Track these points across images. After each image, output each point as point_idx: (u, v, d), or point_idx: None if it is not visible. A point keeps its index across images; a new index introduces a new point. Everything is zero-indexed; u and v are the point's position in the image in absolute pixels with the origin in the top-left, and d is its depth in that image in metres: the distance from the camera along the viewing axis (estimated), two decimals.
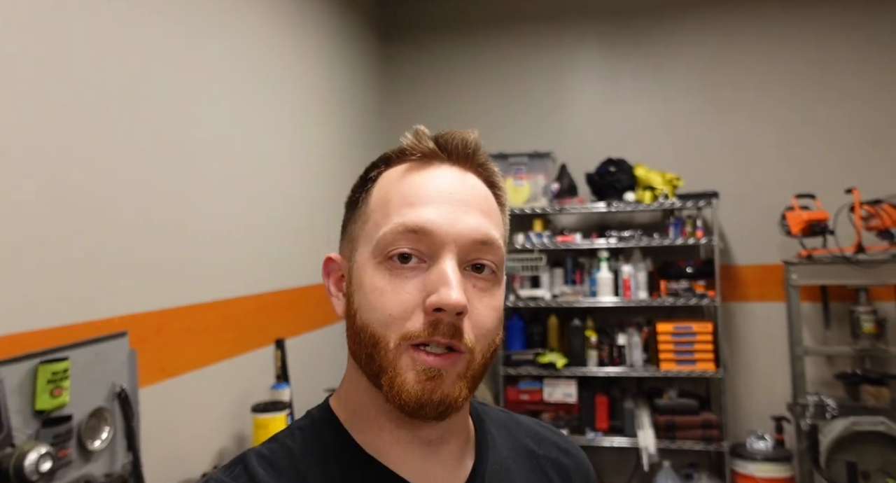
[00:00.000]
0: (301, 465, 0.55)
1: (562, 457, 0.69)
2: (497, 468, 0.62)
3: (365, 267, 0.56)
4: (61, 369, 1.28)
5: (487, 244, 0.56)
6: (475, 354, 0.54)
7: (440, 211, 0.55)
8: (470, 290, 0.55)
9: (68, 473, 1.29)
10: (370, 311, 0.54)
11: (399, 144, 0.60)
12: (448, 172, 0.58)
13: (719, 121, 3.49)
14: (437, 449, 0.58)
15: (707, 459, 3.31)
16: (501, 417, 0.69)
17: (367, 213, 0.58)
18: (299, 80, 2.73)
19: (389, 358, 0.53)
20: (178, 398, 1.82)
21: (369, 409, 0.57)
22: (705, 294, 3.14)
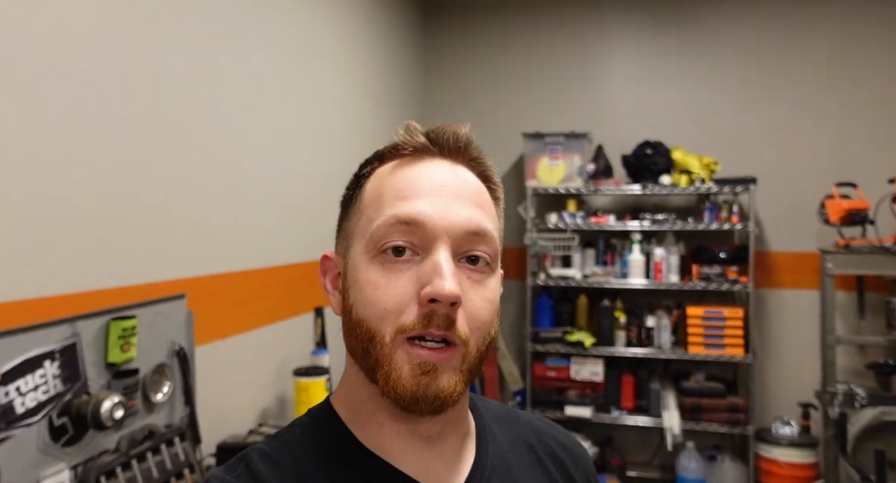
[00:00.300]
0: (303, 462, 0.56)
1: (561, 451, 0.69)
2: (498, 462, 0.62)
3: (359, 262, 0.56)
4: (130, 326, 1.37)
5: (480, 235, 0.56)
6: (470, 347, 0.54)
7: (432, 203, 0.55)
8: (464, 282, 0.54)
9: (134, 422, 1.39)
10: (365, 306, 0.54)
11: (391, 140, 0.60)
12: (440, 166, 0.58)
13: (759, 105, 3.45)
14: (437, 443, 0.58)
15: (731, 442, 3.34)
16: (500, 411, 0.69)
17: (361, 209, 0.59)
18: (344, 58, 2.77)
19: (385, 352, 0.53)
20: (227, 359, 1.91)
21: (368, 405, 0.57)
22: (738, 280, 3.14)
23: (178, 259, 1.70)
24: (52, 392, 1.19)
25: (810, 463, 3.00)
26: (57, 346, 1.21)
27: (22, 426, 1.12)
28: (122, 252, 1.50)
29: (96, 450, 1.28)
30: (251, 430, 1.85)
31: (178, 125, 1.71)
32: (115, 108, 1.47)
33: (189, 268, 1.73)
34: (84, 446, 1.25)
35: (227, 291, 1.91)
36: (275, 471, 0.55)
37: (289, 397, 2.21)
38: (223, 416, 1.89)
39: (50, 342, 1.20)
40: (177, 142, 1.70)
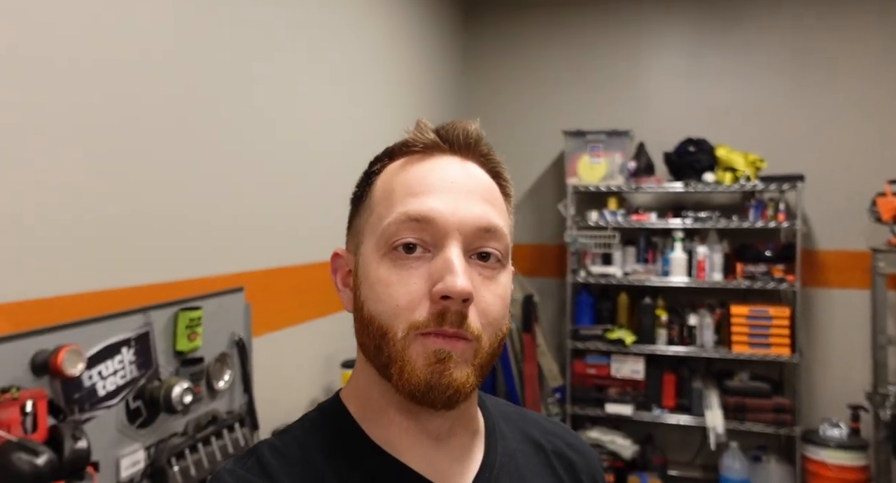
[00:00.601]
0: (312, 457, 0.56)
1: (569, 452, 0.68)
2: (506, 460, 0.62)
3: (370, 259, 0.56)
4: (196, 317, 1.45)
5: (491, 232, 0.56)
6: (482, 342, 0.54)
7: (443, 199, 0.55)
8: (476, 279, 0.54)
9: (200, 408, 1.47)
10: (377, 303, 0.54)
11: (402, 138, 0.61)
12: (450, 162, 0.58)
13: (807, 101, 3.38)
14: (445, 441, 0.58)
15: (777, 443, 3.29)
16: (509, 411, 0.69)
17: (371, 206, 0.59)
18: (388, 56, 2.83)
19: (398, 348, 0.53)
20: (280, 350, 1.99)
21: (379, 402, 0.57)
22: (784, 278, 3.09)
23: (237, 254, 1.78)
24: (129, 377, 1.27)
25: (860, 466, 2.93)
26: (132, 334, 1.29)
27: (103, 408, 1.20)
28: (188, 247, 1.58)
29: (167, 432, 1.37)
30: None
31: (238, 128, 1.79)
32: (180, 110, 1.56)
33: (247, 262, 1.81)
34: (156, 429, 1.33)
35: (281, 285, 1.99)
36: (284, 464, 0.55)
37: (336, 388, 2.28)
38: (277, 404, 1.96)
39: (126, 330, 1.28)
40: (239, 144, 1.78)
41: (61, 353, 1.06)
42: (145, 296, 1.39)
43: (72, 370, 1.07)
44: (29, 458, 0.91)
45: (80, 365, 1.10)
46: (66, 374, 1.07)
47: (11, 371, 1.04)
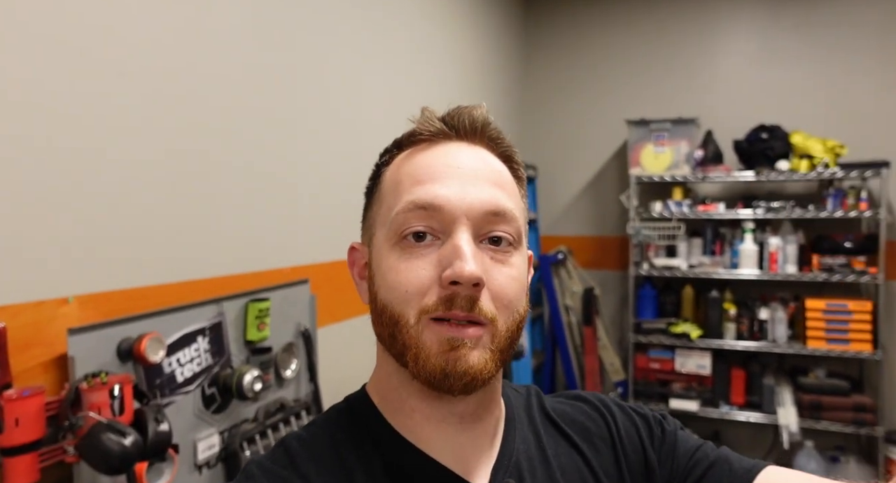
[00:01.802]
0: (338, 448, 0.56)
1: (585, 420, 0.67)
2: (525, 446, 0.61)
3: (382, 249, 0.56)
4: (265, 308, 1.50)
5: (500, 215, 0.55)
6: (498, 325, 0.54)
7: (450, 186, 0.55)
8: (487, 262, 0.54)
9: (268, 395, 1.54)
10: (388, 291, 0.54)
11: (409, 128, 0.61)
12: (457, 148, 0.58)
13: (891, 83, 3.15)
14: (469, 426, 0.58)
15: (856, 443, 3.12)
16: (528, 397, 0.69)
17: (382, 197, 0.59)
18: (445, 45, 2.84)
19: (412, 334, 0.53)
20: (343, 340, 2.05)
21: (399, 392, 0.58)
22: (865, 271, 2.92)
23: (302, 247, 1.83)
24: (204, 364, 1.34)
25: None
26: (207, 323, 1.36)
27: (181, 393, 1.28)
28: (257, 240, 1.64)
29: (238, 418, 1.43)
30: None
31: (303, 123, 1.84)
32: (245, 107, 1.62)
33: (312, 255, 1.87)
34: (229, 414, 1.40)
35: (344, 277, 2.04)
36: (311, 455, 0.56)
37: None
38: (341, 392, 2.01)
39: (201, 320, 1.35)
40: (303, 140, 1.84)
41: (144, 340, 1.13)
42: (218, 287, 1.46)
43: (154, 357, 1.14)
44: (118, 438, 0.97)
45: (161, 352, 1.17)
46: (149, 361, 1.13)
47: (100, 357, 1.11)
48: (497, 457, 0.59)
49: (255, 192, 1.65)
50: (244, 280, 1.55)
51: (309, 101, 1.87)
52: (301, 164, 1.84)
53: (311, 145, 1.89)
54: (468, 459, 0.57)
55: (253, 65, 1.63)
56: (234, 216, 1.56)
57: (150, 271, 1.30)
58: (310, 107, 1.88)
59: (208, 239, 1.48)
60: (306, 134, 1.86)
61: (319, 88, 1.92)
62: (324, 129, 1.95)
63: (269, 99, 1.70)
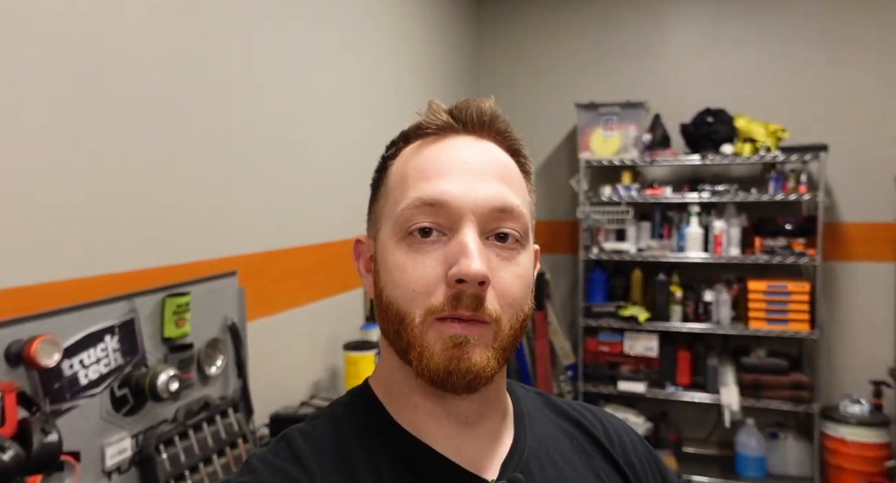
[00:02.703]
0: (341, 442, 0.56)
1: (603, 436, 0.67)
2: (536, 446, 0.61)
3: (387, 244, 0.56)
4: (184, 303, 1.43)
5: (507, 212, 0.54)
6: (502, 324, 0.53)
7: (456, 182, 0.54)
8: (493, 260, 0.54)
9: (190, 394, 1.47)
10: (394, 288, 0.54)
11: (415, 121, 0.60)
12: (463, 143, 0.57)
13: (832, 69, 3.21)
14: (472, 425, 0.57)
15: (794, 420, 3.22)
16: (538, 399, 0.68)
17: (388, 191, 0.59)
18: (394, 29, 2.75)
19: (416, 333, 0.53)
20: (279, 333, 1.98)
21: (402, 387, 0.57)
22: (804, 252, 2.98)
23: (230, 237, 1.75)
24: (113, 365, 1.26)
25: (881, 443, 2.86)
26: (116, 321, 1.28)
27: (86, 396, 1.20)
28: (177, 231, 1.56)
29: (156, 419, 1.36)
30: (303, 402, 1.92)
31: (231, 104, 1.75)
32: (163, 86, 1.52)
33: (241, 245, 1.79)
34: (144, 416, 1.33)
35: (277, 268, 1.97)
36: (314, 449, 0.56)
37: (340, 370, 2.27)
38: (276, 388, 1.96)
39: (110, 318, 1.27)
40: (231, 120, 1.74)
41: (35, 343, 1.05)
42: (130, 282, 1.37)
43: (46, 361, 1.06)
44: None
45: (55, 355, 1.09)
46: (41, 365, 1.05)
47: None
48: (507, 454, 0.58)
49: (176, 179, 1.56)
50: (161, 274, 1.47)
51: (234, 81, 1.78)
52: (229, 148, 1.75)
53: (240, 130, 1.79)
54: (475, 455, 0.57)
55: (179, 51, 1.53)
56: (149, 205, 1.47)
57: (47, 267, 1.21)
58: (235, 87, 1.78)
59: (118, 231, 1.39)
60: (232, 115, 1.77)
61: (249, 67, 1.83)
62: (252, 111, 1.86)
63: (191, 76, 1.60)
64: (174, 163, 1.56)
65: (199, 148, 1.64)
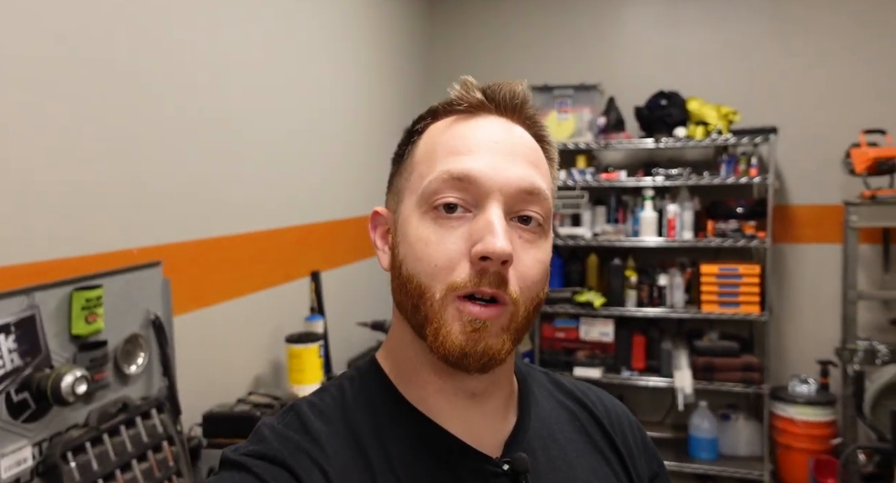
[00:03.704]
0: (350, 415, 0.57)
1: (605, 418, 0.68)
2: (539, 425, 0.62)
3: (410, 218, 0.56)
4: (95, 296, 1.31)
5: (534, 194, 0.55)
6: (519, 306, 0.54)
7: (486, 160, 0.54)
8: (516, 241, 0.54)
9: (106, 395, 1.35)
10: (416, 262, 0.54)
11: (446, 96, 0.59)
12: (495, 122, 0.57)
13: (783, 50, 3.22)
14: (480, 402, 0.58)
15: (746, 401, 3.26)
16: (543, 378, 0.69)
17: (413, 165, 0.58)
18: (347, 12, 2.62)
19: (435, 308, 0.53)
20: (213, 327, 1.86)
21: (413, 362, 0.58)
22: (755, 235, 3.00)
23: (155, 225, 1.63)
24: (9, 367, 1.14)
25: (828, 421, 2.91)
26: (12, 318, 1.16)
27: None
28: (90, 218, 1.43)
29: (64, 425, 1.25)
30: (240, 399, 1.81)
31: (156, 82, 1.61)
32: (82, 62, 1.38)
33: (167, 234, 1.67)
34: (49, 422, 1.21)
35: (211, 258, 1.85)
36: (322, 422, 0.56)
37: (283, 364, 2.17)
38: (212, 385, 1.85)
39: (4, 315, 1.14)
40: (152, 98, 1.61)
41: None
42: (31, 275, 1.25)
43: None
44: None
45: None
46: None
47: None
48: (511, 432, 0.59)
49: (89, 161, 1.42)
50: (70, 265, 1.34)
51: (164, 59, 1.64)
52: (153, 129, 1.62)
53: (167, 106, 1.66)
54: (479, 433, 0.57)
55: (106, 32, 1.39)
56: (56, 191, 1.34)
57: None
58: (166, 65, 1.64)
59: (18, 219, 1.26)
60: (160, 92, 1.63)
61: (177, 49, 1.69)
62: (183, 89, 1.72)
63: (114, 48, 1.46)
64: (86, 142, 1.42)
65: (117, 126, 1.51)
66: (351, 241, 2.74)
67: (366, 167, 2.84)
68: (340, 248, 2.67)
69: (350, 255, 2.76)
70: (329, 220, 2.57)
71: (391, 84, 3.17)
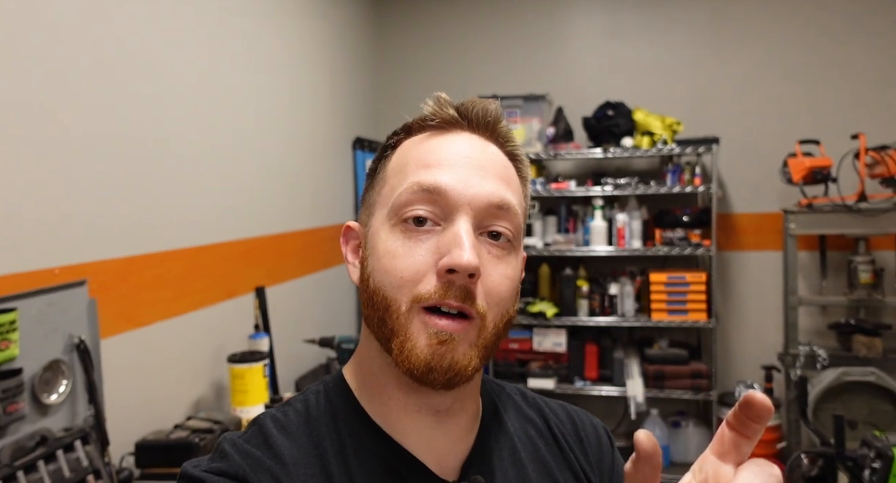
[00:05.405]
0: (313, 430, 0.56)
1: (572, 434, 0.67)
2: (497, 446, 0.61)
3: (379, 231, 0.56)
4: (7, 321, 1.20)
5: (504, 210, 0.55)
6: (487, 322, 0.53)
7: (457, 173, 0.54)
8: (484, 257, 0.54)
9: (21, 428, 1.24)
10: (382, 275, 0.54)
11: (420, 112, 0.59)
12: (468, 139, 0.58)
13: (723, 63, 3.32)
14: (444, 420, 0.57)
15: (695, 408, 3.31)
16: (516, 397, 0.69)
17: (385, 179, 0.58)
18: (289, 22, 2.55)
19: (401, 321, 0.52)
20: (147, 348, 1.76)
21: (379, 377, 0.57)
22: (700, 243, 3.06)
23: (77, 242, 1.52)
24: None
25: (772, 426, 2.98)
26: None
27: None
28: (2, 235, 1.32)
29: None
30: (177, 425, 1.70)
31: (82, 91, 1.51)
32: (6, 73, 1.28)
33: (93, 251, 1.56)
34: None
35: (144, 276, 1.74)
36: (286, 436, 0.55)
37: (226, 385, 2.06)
38: (147, 411, 1.74)
39: None
40: (79, 108, 1.50)
41: None
42: None
43: None
44: None
45: None
46: None
47: None
48: (469, 453, 0.58)
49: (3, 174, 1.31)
50: None
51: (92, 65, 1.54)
52: (78, 139, 1.51)
53: (95, 114, 1.56)
54: (440, 452, 0.57)
55: None
56: None
57: None
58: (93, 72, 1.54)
59: None
60: (86, 99, 1.53)
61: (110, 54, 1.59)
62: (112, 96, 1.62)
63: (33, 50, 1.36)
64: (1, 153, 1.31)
65: (37, 138, 1.40)
66: (298, 254, 2.66)
67: (311, 180, 2.77)
68: (287, 262, 2.59)
69: (297, 269, 2.68)
70: (274, 233, 2.48)
71: (337, 96, 3.11)
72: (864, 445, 2.03)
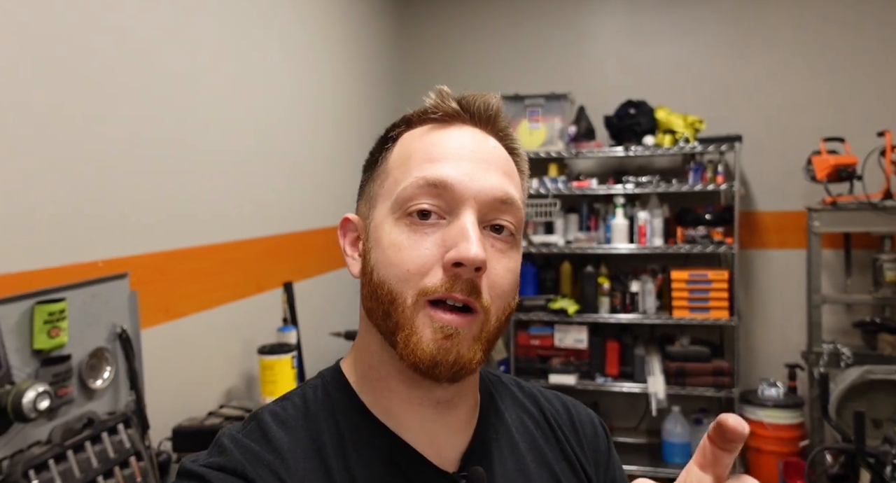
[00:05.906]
0: (312, 424, 0.56)
1: (568, 425, 0.68)
2: (496, 436, 0.61)
3: (383, 223, 0.55)
4: (58, 310, 1.28)
5: (508, 204, 0.55)
6: (490, 315, 0.54)
7: (462, 167, 0.54)
8: (488, 250, 0.54)
9: (70, 411, 1.32)
10: (388, 268, 0.53)
11: (421, 105, 0.60)
12: (469, 132, 0.58)
13: (747, 61, 3.31)
14: (444, 412, 0.58)
15: (717, 405, 3.31)
16: (513, 387, 0.69)
17: (387, 171, 0.58)
18: (315, 20, 2.62)
19: (406, 315, 0.52)
20: (183, 339, 1.83)
21: (380, 371, 0.57)
22: (723, 241, 3.06)
23: (121, 237, 1.60)
24: None
25: (796, 424, 2.97)
26: None
27: None
28: (53, 231, 1.40)
29: (26, 442, 1.21)
30: (210, 412, 1.78)
31: (120, 92, 1.59)
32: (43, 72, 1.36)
33: (134, 245, 1.64)
34: (10, 439, 1.18)
35: (180, 269, 1.82)
36: (285, 431, 0.55)
37: (256, 376, 2.14)
38: (182, 399, 1.82)
39: None
40: (117, 108, 1.58)
41: None
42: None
43: None
44: None
45: None
46: None
47: None
48: (469, 444, 0.59)
49: (53, 173, 1.40)
50: (31, 278, 1.31)
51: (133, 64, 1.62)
52: (119, 140, 1.59)
53: (136, 113, 1.64)
54: (440, 444, 0.57)
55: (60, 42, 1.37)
56: (16, 203, 1.31)
57: None
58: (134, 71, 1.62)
59: None
60: (127, 99, 1.61)
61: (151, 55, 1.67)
62: (152, 96, 1.70)
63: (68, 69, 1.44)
64: (48, 153, 1.39)
65: (82, 137, 1.48)
66: (323, 251, 2.73)
67: (336, 177, 2.84)
68: (313, 258, 2.66)
69: (323, 265, 2.75)
70: (301, 230, 2.56)
71: (361, 93, 3.18)
72: (887, 442, 2.03)
